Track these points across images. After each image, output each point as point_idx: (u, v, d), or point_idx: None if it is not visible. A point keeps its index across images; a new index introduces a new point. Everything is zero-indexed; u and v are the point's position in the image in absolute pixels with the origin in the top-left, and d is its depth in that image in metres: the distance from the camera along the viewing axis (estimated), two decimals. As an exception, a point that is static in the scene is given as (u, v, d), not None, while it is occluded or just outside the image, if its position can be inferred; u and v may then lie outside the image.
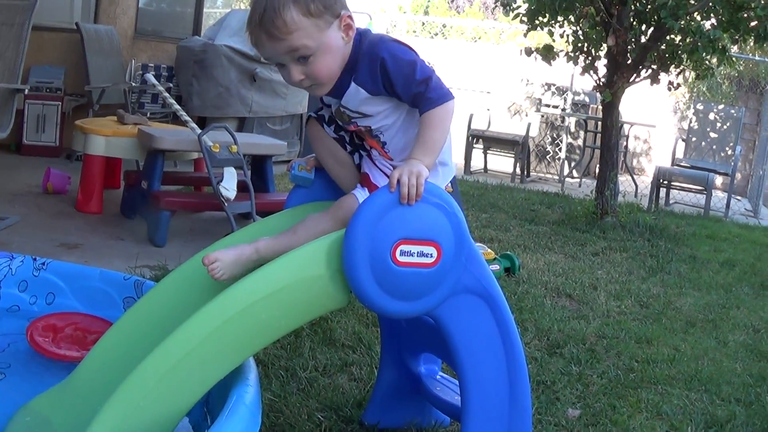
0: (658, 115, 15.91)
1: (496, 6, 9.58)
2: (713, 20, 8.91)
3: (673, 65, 9.04)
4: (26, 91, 7.08)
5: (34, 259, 3.95)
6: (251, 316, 2.44)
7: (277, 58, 2.66)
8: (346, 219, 2.57)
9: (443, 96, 2.63)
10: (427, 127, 2.64)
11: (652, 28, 8.86)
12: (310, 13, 2.57)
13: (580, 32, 9.29)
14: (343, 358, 4.11)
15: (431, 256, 2.52)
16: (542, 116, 14.98)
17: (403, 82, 2.62)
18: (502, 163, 14.51)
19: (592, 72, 9.31)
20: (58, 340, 3.35)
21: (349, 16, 2.66)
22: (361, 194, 2.73)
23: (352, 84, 2.69)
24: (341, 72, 2.69)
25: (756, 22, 8.37)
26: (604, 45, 9.00)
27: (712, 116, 13.06)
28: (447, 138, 2.72)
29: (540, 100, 15.15)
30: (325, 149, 2.99)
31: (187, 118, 6.55)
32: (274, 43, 2.61)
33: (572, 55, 9.37)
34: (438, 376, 3.36)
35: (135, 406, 2.39)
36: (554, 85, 15.09)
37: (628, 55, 8.85)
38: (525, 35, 9.72)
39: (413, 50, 2.71)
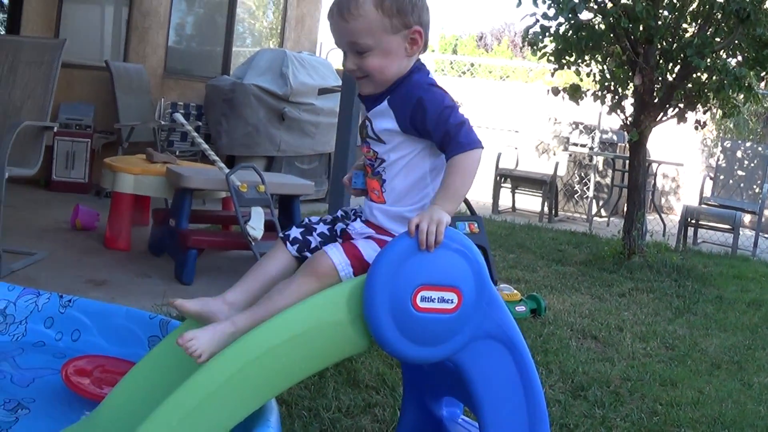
0: (686, 153, 15.86)
1: (524, 45, 9.59)
2: (739, 58, 8.90)
3: (700, 103, 9.02)
4: (56, 128, 7.15)
5: (61, 297, 3.99)
6: (272, 360, 2.46)
7: (339, 43, 2.75)
8: (317, 275, 2.63)
9: (472, 143, 2.64)
10: (452, 173, 2.64)
11: (678, 67, 8.86)
12: (381, 8, 2.64)
13: (606, 71, 9.29)
14: (367, 399, 4.10)
15: (452, 302, 2.53)
16: (570, 155, 14.96)
17: (437, 121, 2.62)
18: (530, 202, 14.49)
19: (619, 111, 9.30)
20: (95, 382, 3.38)
21: (419, 32, 2.71)
22: (331, 249, 2.69)
23: (385, 102, 2.73)
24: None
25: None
26: (631, 84, 9.00)
27: (739, 154, 13.00)
28: (469, 187, 2.72)
29: (568, 138, 15.13)
30: None
31: (215, 158, 6.59)
32: (340, 23, 2.69)
33: (599, 94, 9.36)
34: (459, 420, 3.35)
35: (155, 446, 2.41)
36: (582, 123, 15.08)
37: (655, 93, 8.84)
38: (552, 75, 9.72)
39: (452, 99, 2.73)
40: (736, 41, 8.45)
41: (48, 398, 3.30)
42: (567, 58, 9.13)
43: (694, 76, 8.78)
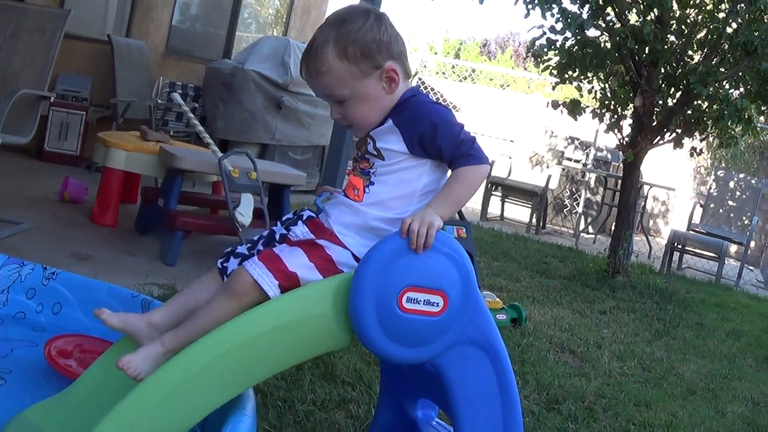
0: (678, 178, 15.90)
1: (527, 56, 9.59)
2: (742, 90, 8.92)
3: (698, 131, 9.04)
4: (52, 99, 7.12)
5: (45, 268, 3.97)
6: (253, 349, 2.46)
7: (318, 95, 2.75)
8: (237, 293, 2.59)
9: (482, 158, 2.65)
10: (456, 181, 2.65)
11: (680, 92, 8.87)
12: (346, 57, 2.60)
13: (608, 90, 9.31)
14: (342, 394, 4.10)
15: (437, 305, 2.53)
16: (563, 169, 15.00)
17: (448, 136, 2.61)
18: (519, 212, 14.51)
19: (616, 130, 9.32)
20: (78, 362, 3.36)
21: (393, 69, 2.66)
22: (251, 265, 2.61)
23: (389, 122, 2.69)
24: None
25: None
26: (631, 105, 9.01)
27: (731, 184, 13.03)
28: (468, 199, 2.72)
29: (562, 153, 15.18)
30: None
31: (210, 141, 6.56)
32: (310, 80, 2.70)
33: (598, 111, 9.37)
34: (434, 422, 3.34)
35: (130, 425, 2.40)
36: (578, 139, 15.13)
37: (654, 116, 8.86)
38: (553, 88, 9.73)
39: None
40: (741, 73, 8.46)
41: (25, 371, 3.28)
42: (570, 72, 9.15)
43: (695, 103, 8.80)
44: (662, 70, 8.74)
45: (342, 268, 2.63)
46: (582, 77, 9.25)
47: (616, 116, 9.36)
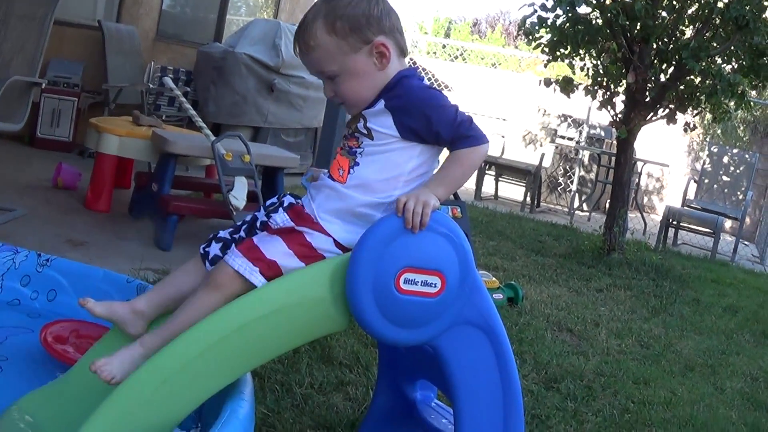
0: (672, 154, 15.88)
1: (518, 35, 9.56)
2: (734, 64, 8.90)
3: (691, 106, 9.02)
4: (44, 85, 7.09)
5: (39, 255, 3.95)
6: (250, 333, 2.44)
7: (311, 72, 2.74)
8: (220, 286, 2.56)
9: (481, 138, 2.62)
10: (454, 162, 2.63)
11: (672, 68, 8.86)
12: (334, 32, 2.58)
13: (600, 67, 9.28)
14: (340, 377, 4.09)
15: (435, 286, 2.51)
16: (556, 147, 14.97)
17: (447, 124, 2.58)
18: (513, 191, 14.50)
19: (609, 107, 9.29)
20: (75, 348, 3.35)
21: (383, 44, 2.62)
22: (231, 257, 2.58)
23: (381, 103, 2.65)
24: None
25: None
26: (624, 81, 8.99)
27: (725, 159, 13.02)
28: (466, 180, 2.71)
29: (555, 131, 15.15)
30: None
31: (202, 124, 6.55)
32: (302, 56, 2.70)
33: (591, 89, 9.35)
34: (433, 404, 3.33)
35: (127, 413, 2.39)
36: (571, 117, 15.09)
37: (647, 92, 8.83)
38: (545, 66, 9.70)
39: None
40: (733, 48, 8.45)
41: (22, 358, 3.27)
42: (561, 50, 9.11)
43: (688, 78, 8.78)
44: (654, 46, 8.73)
45: (323, 253, 2.60)
46: (574, 55, 9.22)
47: (608, 93, 9.34)
